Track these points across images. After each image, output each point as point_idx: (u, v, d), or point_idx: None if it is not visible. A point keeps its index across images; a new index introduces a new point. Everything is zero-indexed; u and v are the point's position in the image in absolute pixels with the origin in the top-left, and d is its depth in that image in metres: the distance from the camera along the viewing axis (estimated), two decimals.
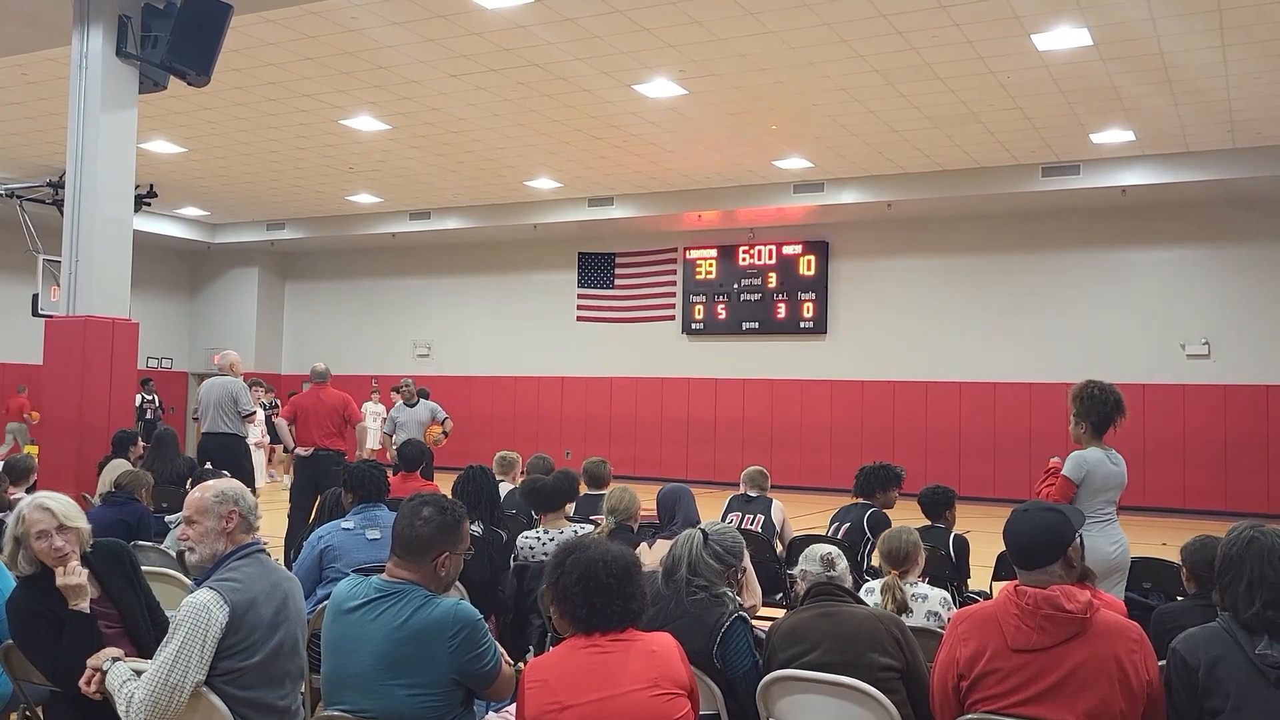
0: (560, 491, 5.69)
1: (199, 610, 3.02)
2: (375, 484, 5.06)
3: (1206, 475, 16.23)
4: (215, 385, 9.56)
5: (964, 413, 17.94)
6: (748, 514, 7.11)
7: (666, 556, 3.64)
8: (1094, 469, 5.22)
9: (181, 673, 2.96)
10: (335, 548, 4.67)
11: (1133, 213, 16.71)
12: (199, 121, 14.58)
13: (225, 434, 9.36)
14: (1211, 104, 12.69)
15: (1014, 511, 3.13)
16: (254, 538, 3.31)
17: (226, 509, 3.25)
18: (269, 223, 22.37)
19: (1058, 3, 9.85)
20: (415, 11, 10.36)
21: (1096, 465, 5.24)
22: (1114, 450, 5.32)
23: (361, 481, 5.04)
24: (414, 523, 3.11)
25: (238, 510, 3.26)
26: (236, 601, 3.06)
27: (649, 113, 13.62)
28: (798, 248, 19.31)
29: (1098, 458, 5.25)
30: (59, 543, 3.44)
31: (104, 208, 8.73)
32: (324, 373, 10.35)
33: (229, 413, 9.37)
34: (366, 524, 4.81)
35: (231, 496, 3.28)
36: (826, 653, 3.29)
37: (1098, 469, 5.23)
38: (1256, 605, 2.81)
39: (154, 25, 8.73)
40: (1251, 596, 2.82)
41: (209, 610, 3.01)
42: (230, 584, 3.10)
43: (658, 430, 20.20)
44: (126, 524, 5.98)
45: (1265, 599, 2.80)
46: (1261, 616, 2.79)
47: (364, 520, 4.85)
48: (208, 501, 3.26)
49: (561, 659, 2.84)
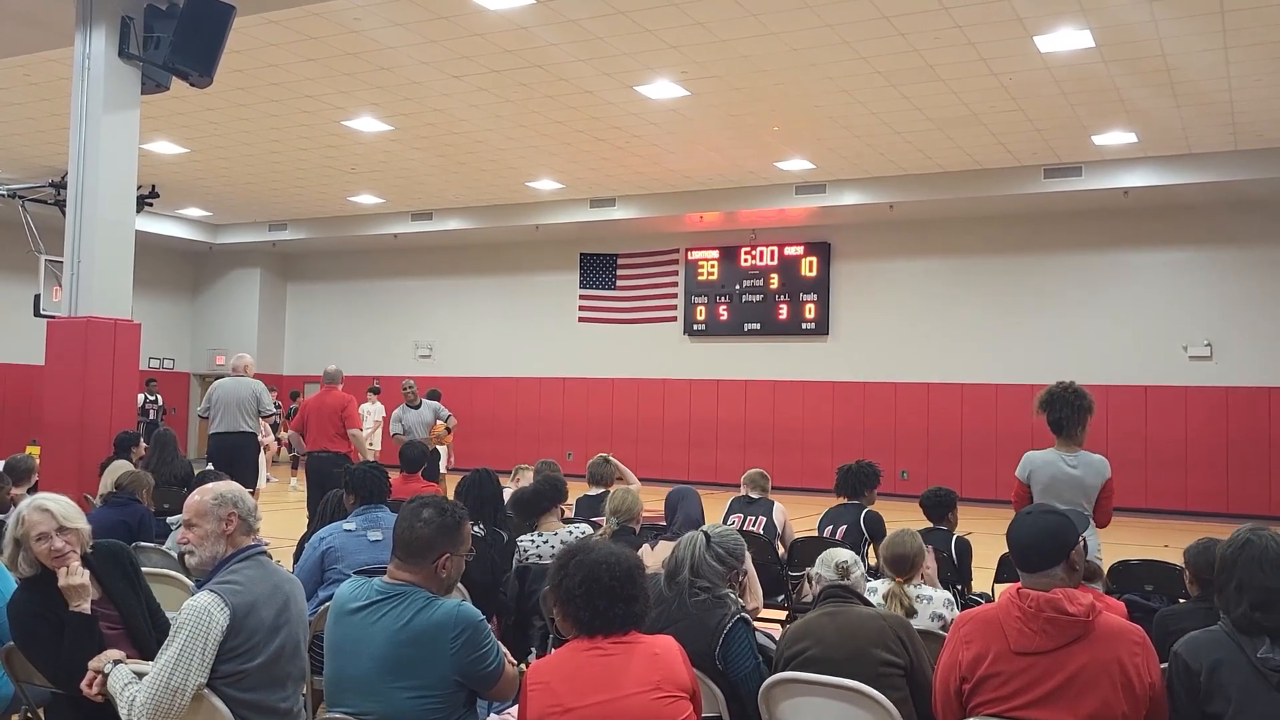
0: (542, 495, 5.67)
1: (199, 613, 3.01)
2: (377, 485, 5.05)
3: (1208, 477, 16.22)
4: (232, 385, 9.67)
5: (965, 414, 17.93)
6: (749, 516, 7.11)
7: (669, 558, 3.64)
8: (1037, 469, 5.17)
9: (183, 675, 2.96)
10: (337, 549, 4.66)
11: (1135, 214, 16.71)
12: (201, 122, 14.59)
13: (243, 433, 9.53)
14: (1213, 106, 12.69)
15: (1018, 514, 3.14)
16: (255, 539, 3.31)
17: (225, 511, 3.24)
18: (271, 223, 22.39)
19: (1060, 4, 9.85)
20: (417, 13, 10.36)
21: (1041, 465, 5.17)
22: (1086, 452, 5.19)
23: (363, 483, 5.03)
24: (414, 524, 3.11)
25: (236, 512, 3.25)
26: (237, 604, 3.05)
27: (651, 114, 13.63)
28: (799, 249, 19.31)
29: (1045, 458, 5.18)
30: (58, 544, 3.43)
31: (106, 208, 8.73)
32: (334, 374, 10.35)
33: (249, 413, 9.53)
34: (368, 525, 4.80)
35: (230, 499, 3.27)
36: (829, 648, 3.30)
37: (1042, 469, 5.16)
38: (1243, 606, 2.83)
39: (156, 26, 8.74)
40: (1240, 597, 2.85)
41: (209, 613, 3.01)
42: (231, 586, 3.10)
43: (659, 431, 20.20)
44: (127, 525, 5.99)
45: (1251, 600, 2.83)
46: (1248, 617, 2.81)
47: (366, 521, 4.85)
48: (206, 504, 3.25)
49: (564, 661, 2.84)
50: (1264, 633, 2.79)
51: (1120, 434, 16.85)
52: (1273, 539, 2.92)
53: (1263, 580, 2.84)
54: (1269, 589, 2.82)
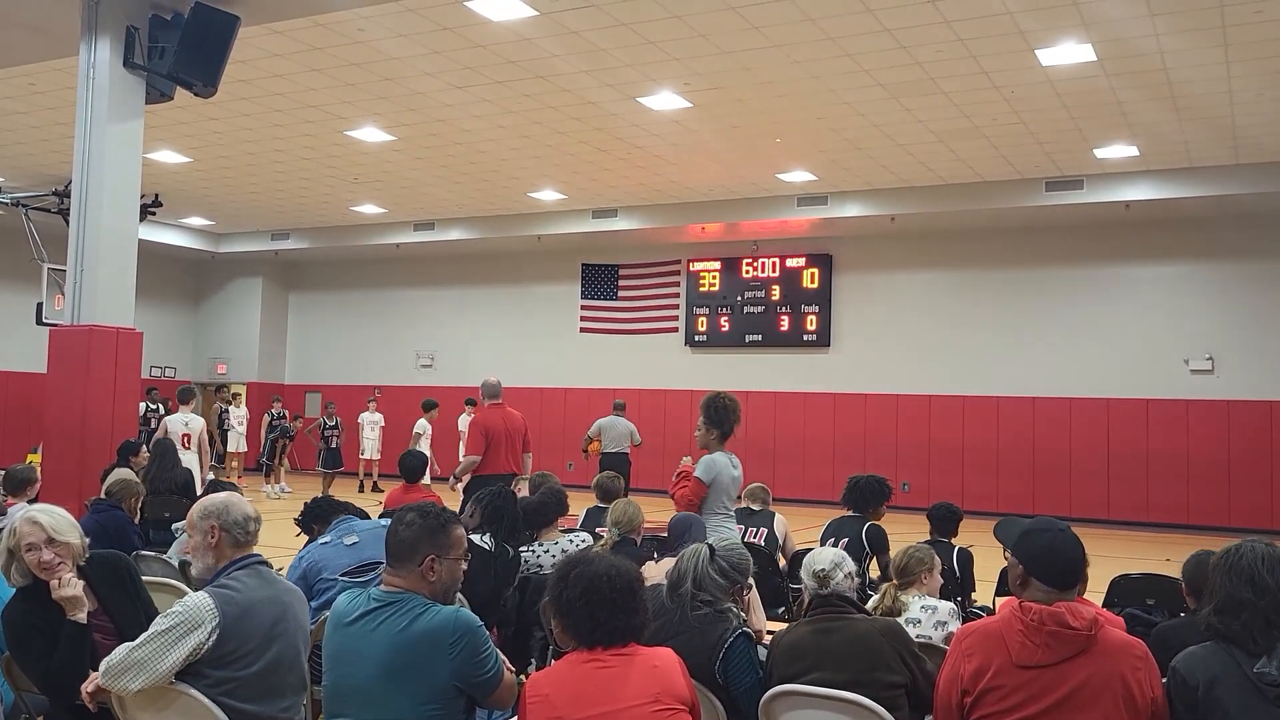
0: (548, 506, 5.77)
1: (189, 608, 3.07)
2: (329, 510, 5.18)
3: (1210, 491, 16.19)
4: None
5: (967, 426, 17.92)
6: (751, 527, 7.12)
7: (672, 570, 3.63)
8: (721, 471, 5.79)
9: (148, 652, 3.01)
10: (317, 561, 4.71)
11: (1136, 228, 16.72)
12: (205, 131, 14.63)
13: None
14: (1215, 120, 12.71)
15: (1053, 530, 3.03)
16: (249, 551, 3.34)
17: (208, 524, 3.31)
18: (273, 232, 22.43)
19: (1062, 18, 9.87)
20: (421, 24, 10.40)
21: (724, 468, 5.81)
22: (734, 455, 5.97)
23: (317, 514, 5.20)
24: (398, 529, 3.15)
25: (218, 525, 3.30)
26: (228, 609, 3.09)
27: (653, 125, 13.66)
28: (801, 260, 19.32)
29: (725, 461, 5.84)
30: (47, 556, 3.48)
31: (109, 217, 8.76)
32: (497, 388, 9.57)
33: None
34: (342, 534, 4.86)
35: (214, 512, 3.32)
36: (829, 672, 3.27)
37: (725, 471, 5.81)
38: (1207, 611, 2.87)
39: (161, 36, 8.78)
40: (1209, 602, 2.89)
41: (199, 610, 3.06)
42: (225, 591, 3.15)
43: (660, 442, 20.15)
44: (105, 530, 5.97)
45: (1216, 606, 2.86)
46: (1209, 622, 2.85)
47: (338, 532, 4.90)
48: (194, 518, 3.35)
49: (563, 673, 2.84)
50: (1222, 637, 2.80)
51: (1121, 447, 16.86)
52: (1256, 550, 2.91)
53: (1227, 586, 2.86)
54: (1230, 595, 2.84)
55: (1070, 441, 17.22)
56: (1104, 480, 16.97)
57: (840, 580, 3.53)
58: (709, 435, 5.90)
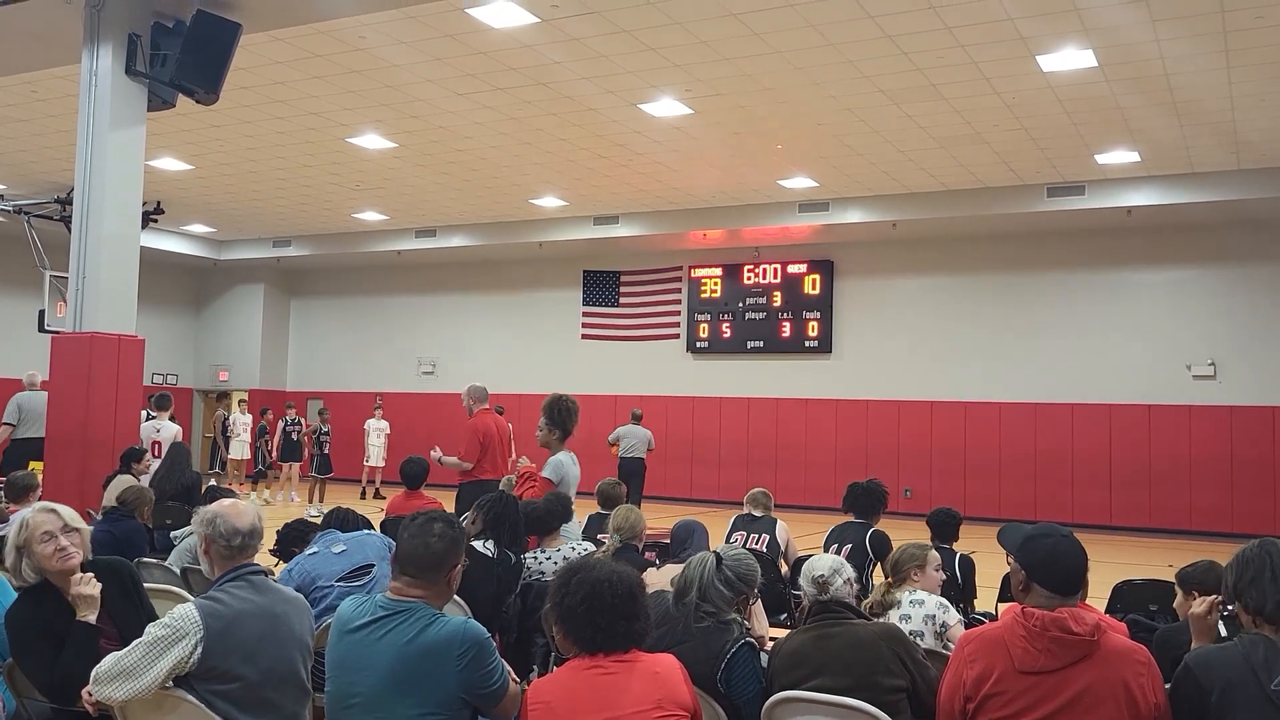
0: (553, 514, 5.78)
1: (175, 620, 3.04)
2: (305, 531, 5.23)
3: (1213, 496, 16.17)
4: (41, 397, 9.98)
5: (969, 433, 17.91)
6: (753, 533, 7.12)
7: (679, 578, 3.60)
8: (567, 470, 6.19)
9: (134, 660, 2.99)
10: (309, 571, 4.71)
11: (1138, 233, 16.72)
12: (206, 139, 14.65)
13: None
14: (1216, 126, 12.71)
15: (1055, 536, 3.01)
16: (245, 560, 3.29)
17: (199, 534, 3.32)
18: (275, 239, 22.45)
19: (1063, 24, 9.88)
20: (423, 31, 10.41)
21: (570, 466, 6.22)
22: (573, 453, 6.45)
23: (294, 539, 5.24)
24: (428, 540, 3.11)
25: (208, 535, 3.28)
26: (213, 621, 3.05)
27: (655, 132, 13.67)
28: (803, 267, 19.33)
29: (568, 460, 6.26)
30: (64, 542, 3.45)
31: (111, 224, 8.77)
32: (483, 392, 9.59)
33: None
34: (328, 543, 4.86)
35: (205, 521, 3.30)
36: (830, 677, 3.25)
37: (570, 470, 6.22)
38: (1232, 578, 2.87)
39: (163, 44, 8.80)
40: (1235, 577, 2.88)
41: (184, 621, 3.03)
42: (211, 603, 3.11)
43: (661, 449, 20.13)
44: (114, 538, 5.96)
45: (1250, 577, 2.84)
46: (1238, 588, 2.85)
47: (324, 543, 4.90)
48: (195, 525, 3.37)
49: (565, 680, 2.83)
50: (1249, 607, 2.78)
51: (1124, 453, 16.84)
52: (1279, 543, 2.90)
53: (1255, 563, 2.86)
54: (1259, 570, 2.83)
55: (1072, 447, 17.20)
56: (1106, 486, 16.95)
57: (839, 586, 3.51)
58: (550, 435, 6.27)
